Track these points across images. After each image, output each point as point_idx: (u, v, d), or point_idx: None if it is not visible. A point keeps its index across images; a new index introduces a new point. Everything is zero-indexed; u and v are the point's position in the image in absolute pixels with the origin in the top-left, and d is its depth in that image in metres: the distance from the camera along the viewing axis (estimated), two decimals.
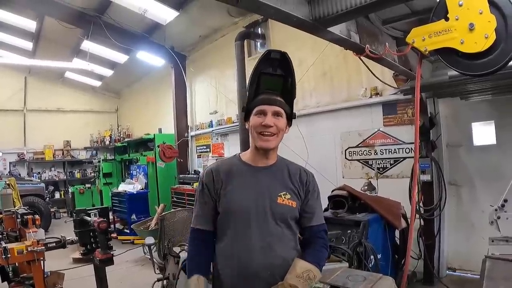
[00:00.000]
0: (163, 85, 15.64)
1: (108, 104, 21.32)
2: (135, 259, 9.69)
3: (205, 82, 13.82)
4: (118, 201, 12.91)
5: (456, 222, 7.58)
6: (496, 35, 2.31)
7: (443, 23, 2.44)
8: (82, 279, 7.29)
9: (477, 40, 2.33)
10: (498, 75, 4.92)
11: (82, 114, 20.26)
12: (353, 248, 5.26)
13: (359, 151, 8.58)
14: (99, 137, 20.05)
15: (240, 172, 2.67)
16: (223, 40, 12.30)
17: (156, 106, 17.02)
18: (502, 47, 2.34)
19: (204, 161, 13.90)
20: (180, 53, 14.13)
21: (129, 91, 20.02)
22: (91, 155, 19.80)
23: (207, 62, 13.53)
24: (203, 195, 2.71)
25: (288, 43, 9.82)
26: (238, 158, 2.77)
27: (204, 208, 2.69)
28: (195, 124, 14.52)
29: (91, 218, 5.23)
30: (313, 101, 9.64)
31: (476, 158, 7.28)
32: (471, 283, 6.78)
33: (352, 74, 8.66)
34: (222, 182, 2.64)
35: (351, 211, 6.20)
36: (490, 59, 2.37)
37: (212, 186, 2.66)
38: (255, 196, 2.54)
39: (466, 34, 2.36)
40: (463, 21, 2.36)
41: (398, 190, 7.09)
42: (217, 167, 2.75)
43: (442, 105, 7.61)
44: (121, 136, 18.93)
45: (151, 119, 17.20)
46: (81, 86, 19.49)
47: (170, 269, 5.02)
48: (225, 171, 2.68)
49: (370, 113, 8.42)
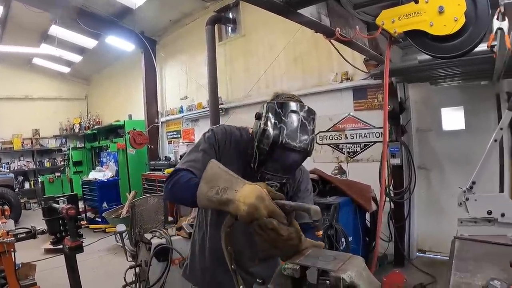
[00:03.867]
0: (133, 70, 15.39)
1: (78, 90, 20.81)
2: (107, 247, 9.59)
3: (175, 67, 13.71)
4: (89, 190, 12.73)
5: (426, 205, 7.71)
6: (466, 18, 2.32)
7: (413, 6, 2.44)
8: (54, 269, 7.18)
9: (446, 23, 2.34)
10: (467, 61, 5.02)
11: (51, 101, 19.76)
12: (324, 231, 5.31)
13: (330, 136, 8.64)
14: (69, 125, 19.65)
15: (239, 155, 2.45)
16: (194, 24, 12.16)
17: (126, 92, 16.78)
18: (471, 30, 2.35)
19: (175, 147, 13.84)
20: (150, 38, 13.96)
21: (99, 77, 19.62)
22: (60, 144, 19.39)
23: (178, 47, 13.40)
24: (210, 146, 2.40)
25: (259, 27, 9.81)
26: (246, 140, 2.48)
27: (205, 157, 2.25)
28: (165, 110, 14.42)
29: (60, 205, 5.14)
30: (284, 86, 9.59)
31: (446, 143, 7.40)
32: (441, 264, 6.90)
33: (323, 59, 8.68)
34: (222, 154, 2.41)
35: (321, 195, 6.26)
36: (458, 42, 2.38)
37: (220, 146, 2.43)
38: None
39: (436, 16, 2.36)
40: (433, 3, 2.37)
41: (368, 174, 7.16)
42: (231, 134, 2.49)
43: (412, 90, 7.70)
44: (91, 123, 18.61)
45: (121, 105, 16.94)
46: (49, 72, 18.97)
47: (142, 256, 4.98)
48: (233, 147, 2.46)
49: (341, 98, 8.47)
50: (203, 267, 2.63)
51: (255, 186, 1.72)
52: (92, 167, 16.39)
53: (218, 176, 1.83)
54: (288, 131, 2.11)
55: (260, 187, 1.71)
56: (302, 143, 2.14)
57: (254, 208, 1.64)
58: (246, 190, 1.71)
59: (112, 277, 6.55)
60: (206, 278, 2.63)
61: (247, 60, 10.84)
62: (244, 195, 1.69)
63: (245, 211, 1.65)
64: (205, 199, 1.82)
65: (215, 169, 1.87)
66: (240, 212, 1.68)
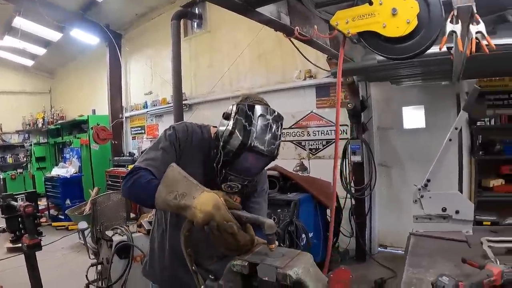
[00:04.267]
0: (98, 64, 15.12)
1: (41, 84, 20.12)
2: (70, 245, 9.41)
3: (140, 62, 13.59)
4: (52, 186, 12.49)
5: (387, 202, 7.87)
6: (418, 21, 2.37)
7: (367, 7, 2.48)
8: (16, 268, 7.04)
9: (399, 25, 2.38)
10: (427, 61, 5.13)
11: (14, 95, 19.00)
12: (284, 227, 5.36)
13: (292, 132, 8.74)
14: (32, 120, 18.95)
15: (200, 154, 2.44)
16: (160, 19, 12.07)
17: (91, 86, 16.47)
18: (423, 33, 2.40)
19: (139, 142, 13.73)
20: (116, 31, 13.78)
21: (64, 71, 19.10)
22: (23, 139, 18.81)
23: (143, 42, 13.26)
24: (170, 144, 2.36)
25: (224, 24, 9.81)
26: (208, 139, 2.47)
27: (165, 156, 2.28)
28: (130, 105, 14.28)
29: (18, 203, 5.07)
30: (248, 83, 9.68)
31: (406, 141, 7.56)
32: (402, 259, 7.02)
33: (287, 57, 8.72)
34: (183, 152, 2.40)
35: (282, 191, 6.31)
36: (410, 44, 2.42)
37: (181, 144, 2.39)
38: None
39: (389, 18, 2.40)
40: (387, 6, 2.40)
41: (330, 171, 7.19)
42: (193, 132, 2.46)
43: (374, 89, 7.83)
44: (55, 118, 18.03)
45: (86, 100, 16.59)
46: (12, 65, 18.20)
47: (103, 254, 4.96)
48: (194, 146, 2.44)
49: (304, 95, 8.55)
50: (162, 267, 2.62)
51: (212, 195, 1.73)
52: (56, 163, 16.00)
53: (177, 181, 1.84)
54: (258, 134, 2.13)
55: (217, 195, 1.73)
56: (270, 147, 2.16)
57: (210, 216, 1.66)
58: (204, 198, 1.72)
59: (76, 276, 6.44)
60: (164, 277, 2.62)
61: (212, 56, 10.82)
62: (201, 202, 1.71)
63: (201, 219, 1.68)
64: (164, 202, 1.84)
65: (175, 174, 1.87)
66: (196, 219, 1.70)
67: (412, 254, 3.17)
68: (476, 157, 6.52)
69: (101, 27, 13.13)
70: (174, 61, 9.55)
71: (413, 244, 3.41)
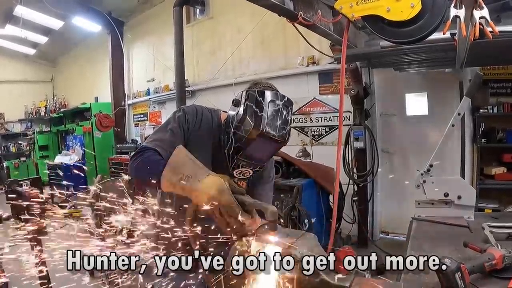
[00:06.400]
0: (100, 52, 15.05)
1: (43, 73, 20.08)
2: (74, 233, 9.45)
3: (143, 49, 13.55)
4: (55, 174, 12.54)
5: (389, 188, 7.87)
6: (422, 5, 2.36)
7: None
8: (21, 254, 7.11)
9: (403, 9, 2.37)
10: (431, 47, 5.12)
11: (16, 84, 18.90)
12: (287, 212, 5.38)
13: (295, 119, 8.71)
14: (34, 108, 19.01)
15: (208, 138, 2.41)
16: (162, 5, 12.02)
17: (93, 74, 16.41)
18: (426, 17, 2.39)
19: (141, 129, 13.72)
20: (118, 18, 13.74)
21: (65, 59, 19.01)
22: (26, 128, 18.83)
23: (145, 29, 13.22)
24: (179, 126, 2.34)
25: (227, 10, 9.78)
26: (218, 124, 2.44)
27: (172, 138, 2.26)
28: (132, 92, 14.28)
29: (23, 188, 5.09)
30: (251, 69, 9.67)
31: (409, 128, 7.55)
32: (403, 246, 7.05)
33: (290, 43, 8.70)
34: (191, 135, 2.37)
35: (285, 177, 6.31)
36: (414, 28, 2.42)
37: (190, 127, 2.37)
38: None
39: (393, 2, 2.40)
40: None
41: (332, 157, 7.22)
42: (202, 116, 2.43)
43: (377, 75, 7.80)
44: (57, 106, 18.15)
45: (88, 88, 16.58)
46: (14, 54, 18.13)
47: None
48: (203, 129, 2.40)
49: (307, 81, 8.55)
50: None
51: (217, 178, 1.74)
52: (59, 151, 16.13)
53: (183, 163, 1.86)
54: (269, 120, 2.08)
55: (223, 179, 1.74)
56: (281, 132, 2.12)
57: (213, 199, 1.68)
58: (209, 181, 1.74)
59: None
60: None
61: (215, 42, 10.80)
62: (206, 185, 1.73)
63: (205, 202, 1.70)
64: (169, 184, 1.85)
65: (181, 156, 1.89)
66: (199, 202, 1.72)
67: (414, 238, 3.19)
68: (479, 145, 6.54)
69: (103, 15, 13.09)
70: (176, 48, 9.49)
71: (415, 228, 3.43)
